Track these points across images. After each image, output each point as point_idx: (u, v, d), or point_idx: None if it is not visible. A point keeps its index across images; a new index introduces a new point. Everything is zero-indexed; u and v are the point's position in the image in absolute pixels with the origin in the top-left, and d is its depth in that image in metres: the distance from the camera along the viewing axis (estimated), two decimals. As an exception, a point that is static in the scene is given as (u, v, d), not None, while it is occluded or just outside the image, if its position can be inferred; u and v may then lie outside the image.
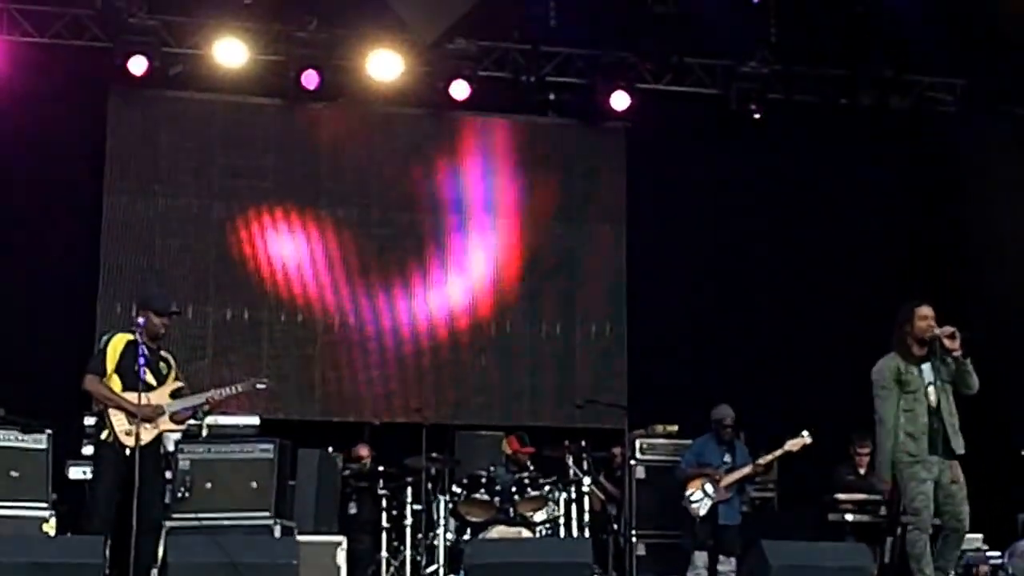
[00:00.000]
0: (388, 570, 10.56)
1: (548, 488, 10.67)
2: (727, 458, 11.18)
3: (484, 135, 13.72)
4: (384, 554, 10.61)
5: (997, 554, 8.20)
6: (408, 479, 10.86)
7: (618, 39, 13.21)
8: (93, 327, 12.04)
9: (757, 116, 13.39)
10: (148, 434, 8.64)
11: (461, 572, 8.81)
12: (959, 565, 8.57)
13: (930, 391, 8.67)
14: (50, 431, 9.38)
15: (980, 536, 10.29)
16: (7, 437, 9.27)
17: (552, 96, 13.58)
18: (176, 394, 8.85)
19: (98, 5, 12.42)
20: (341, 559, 9.15)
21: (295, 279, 13.11)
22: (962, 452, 8.65)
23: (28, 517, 9.15)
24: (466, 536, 10.27)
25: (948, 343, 8.61)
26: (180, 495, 9.06)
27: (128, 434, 8.52)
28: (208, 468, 9.19)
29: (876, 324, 9.43)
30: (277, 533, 9.03)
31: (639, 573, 10.80)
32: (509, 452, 11.34)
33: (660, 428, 11.72)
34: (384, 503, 10.77)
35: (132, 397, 8.57)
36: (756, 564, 8.49)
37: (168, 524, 8.86)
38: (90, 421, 9.53)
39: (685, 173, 13.62)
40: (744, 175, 13.71)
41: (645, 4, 12.74)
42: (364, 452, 11.73)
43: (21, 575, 7.47)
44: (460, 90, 13.00)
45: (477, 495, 10.51)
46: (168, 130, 13.09)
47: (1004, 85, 13.21)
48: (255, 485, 9.18)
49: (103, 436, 8.67)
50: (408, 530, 10.60)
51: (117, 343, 8.79)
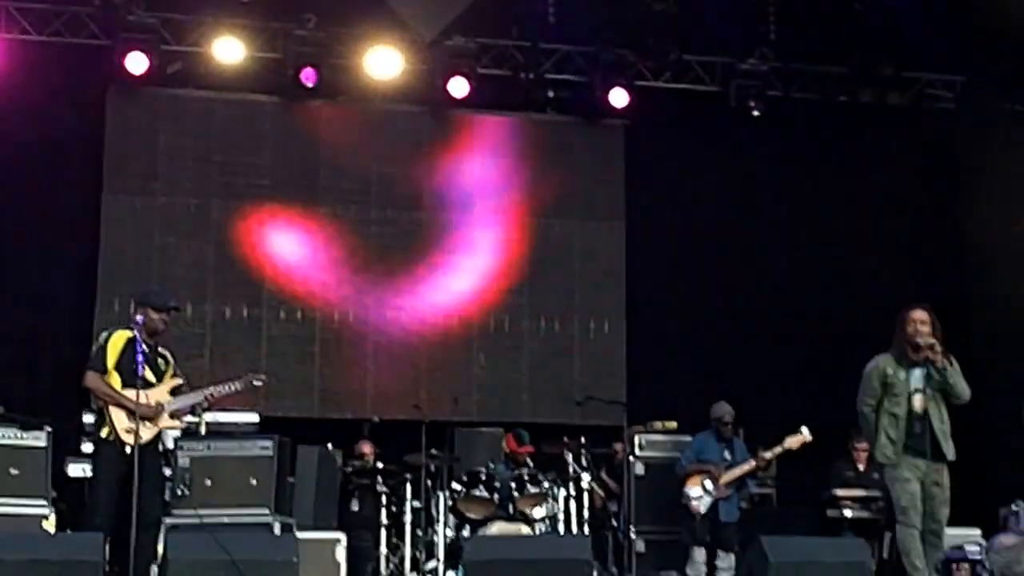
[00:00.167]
0: (388, 566, 10.56)
1: (547, 485, 10.67)
2: (726, 455, 11.17)
3: (483, 132, 13.71)
4: (384, 550, 10.61)
5: (976, 549, 8.21)
6: (408, 476, 10.88)
7: (617, 36, 13.21)
8: (92, 325, 12.02)
9: (756, 113, 13.39)
10: (148, 432, 8.63)
11: (460, 568, 8.81)
12: (939, 560, 8.59)
13: (916, 397, 8.66)
14: (49, 428, 9.37)
15: (978, 531, 10.27)
16: (6, 435, 9.26)
17: (551, 93, 13.60)
18: (175, 391, 8.85)
19: (97, 3, 12.45)
20: (341, 555, 9.14)
21: (294, 277, 13.12)
22: (952, 458, 8.65)
23: (28, 515, 9.14)
24: (465, 533, 10.26)
25: (929, 354, 8.61)
26: (180, 492, 9.03)
27: (128, 431, 8.51)
28: (208, 465, 9.15)
29: (875, 320, 9.44)
30: (276, 530, 9.00)
31: (638, 569, 10.78)
32: (508, 450, 11.35)
33: (659, 425, 11.69)
34: (384, 500, 10.78)
35: (132, 394, 8.54)
36: (756, 560, 8.49)
37: (168, 521, 8.83)
38: (89, 419, 9.54)
39: (684, 170, 13.62)
40: (743, 172, 13.70)
41: (644, 2, 12.74)
42: (367, 449, 11.73)
43: (21, 572, 7.46)
44: (459, 87, 13.00)
45: (476, 492, 10.49)
46: (167, 128, 13.10)
47: (1003, 82, 13.21)
48: (254, 482, 9.14)
49: (103, 433, 8.65)
50: (408, 527, 10.61)
51: (117, 340, 8.77)
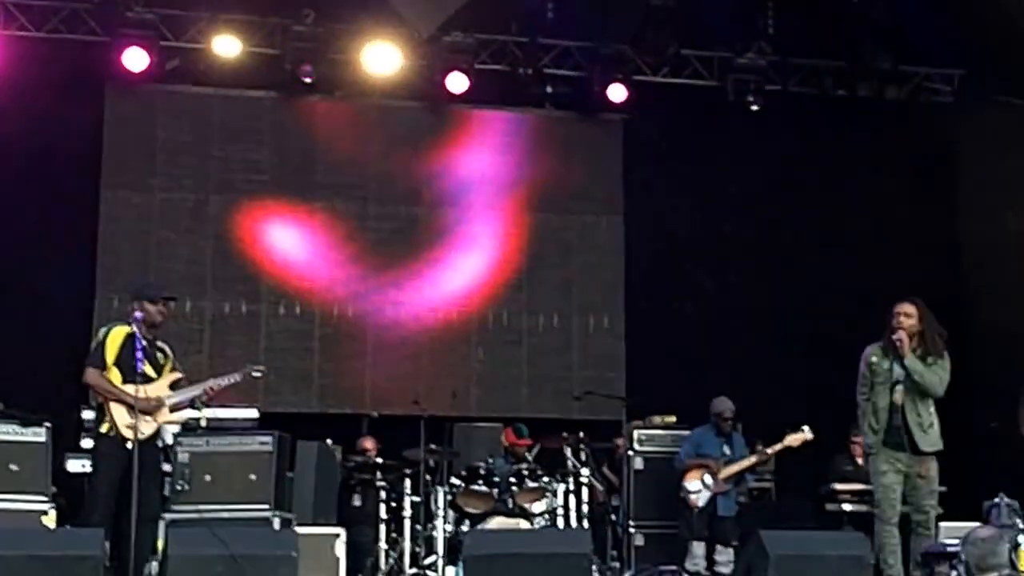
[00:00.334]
0: (387, 561, 10.57)
1: (546, 479, 10.67)
2: (725, 450, 11.18)
3: (481, 128, 13.72)
4: (383, 545, 10.62)
5: (955, 542, 8.24)
6: (407, 471, 10.88)
7: (615, 31, 13.20)
8: (91, 320, 12.04)
9: (754, 108, 13.38)
10: (148, 427, 8.63)
11: (460, 563, 8.80)
12: (919, 554, 8.64)
13: (897, 389, 8.75)
14: (49, 424, 9.34)
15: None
16: (6, 431, 9.23)
17: (549, 88, 13.58)
18: (174, 385, 8.85)
19: (95, -1, 12.43)
20: (340, 551, 9.14)
21: (293, 272, 13.14)
22: (929, 451, 8.71)
23: (27, 510, 9.11)
24: (465, 527, 10.26)
25: (897, 345, 8.71)
26: (179, 488, 9.05)
27: (129, 427, 8.50)
28: (207, 461, 9.17)
29: (872, 313, 9.44)
30: (276, 525, 9.02)
31: (637, 563, 10.79)
32: (507, 444, 11.35)
33: (658, 419, 11.71)
34: (383, 495, 10.78)
35: (132, 390, 8.56)
36: (755, 554, 8.48)
37: (167, 516, 8.86)
38: (88, 415, 9.54)
39: (682, 165, 13.63)
40: (741, 166, 13.71)
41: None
42: (369, 444, 11.74)
43: (21, 568, 7.43)
44: (457, 83, 13.00)
45: (475, 486, 10.48)
46: (165, 124, 13.11)
47: (1001, 75, 13.18)
48: (254, 477, 9.16)
49: (103, 429, 8.65)
50: (407, 521, 10.61)
51: (116, 336, 8.76)
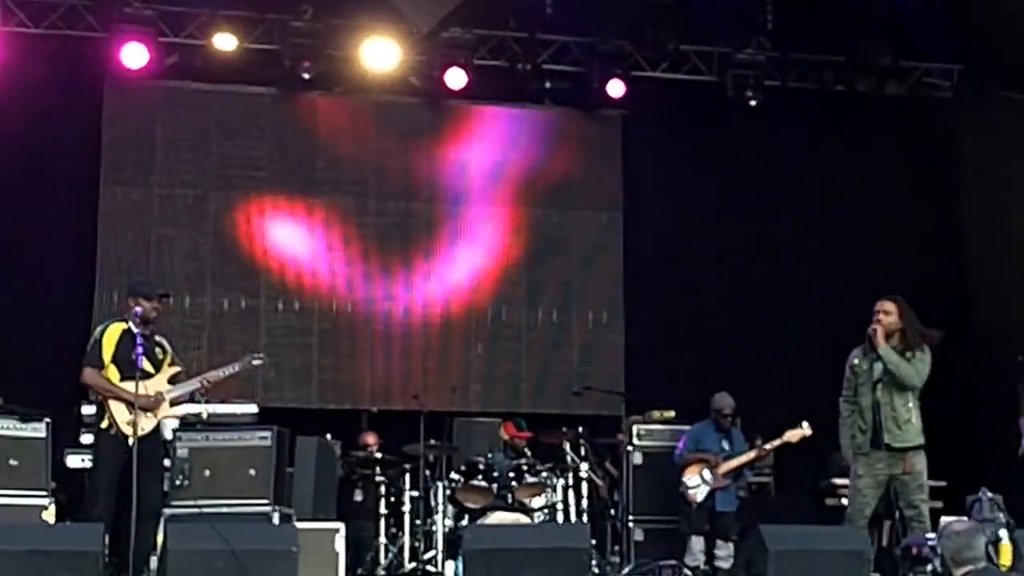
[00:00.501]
0: (387, 556, 10.58)
1: (546, 474, 10.68)
2: (724, 445, 11.17)
3: (480, 123, 13.71)
4: (383, 540, 10.62)
5: (934, 536, 8.27)
6: (406, 466, 10.89)
7: (614, 27, 13.20)
8: (90, 316, 12.04)
9: (754, 103, 13.36)
10: (149, 423, 8.65)
11: (459, 558, 8.81)
12: (900, 547, 8.67)
13: (878, 387, 8.79)
14: (48, 420, 9.36)
15: None
16: (6, 426, 9.25)
17: (548, 84, 13.57)
18: (173, 379, 8.86)
19: (93, -6, 12.43)
20: (339, 545, 9.12)
21: (292, 268, 13.13)
22: (901, 446, 8.74)
23: (27, 505, 9.13)
24: (464, 522, 10.27)
25: (872, 337, 8.78)
26: (179, 483, 9.05)
27: (129, 423, 8.52)
28: (206, 456, 9.16)
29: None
30: (276, 520, 9.02)
31: (637, 558, 10.79)
32: (506, 438, 11.36)
33: (657, 414, 11.69)
34: (383, 490, 10.79)
35: (130, 386, 8.56)
36: (755, 549, 8.50)
37: (167, 512, 8.85)
38: (88, 410, 9.53)
39: (682, 160, 13.61)
40: (741, 162, 13.70)
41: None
42: (371, 440, 11.75)
43: (20, 563, 7.45)
44: (456, 79, 12.98)
45: (475, 481, 10.50)
46: (164, 120, 13.10)
47: (1001, 70, 13.17)
48: (253, 472, 9.16)
49: (103, 426, 8.67)
50: (407, 516, 10.63)
51: (112, 333, 8.77)
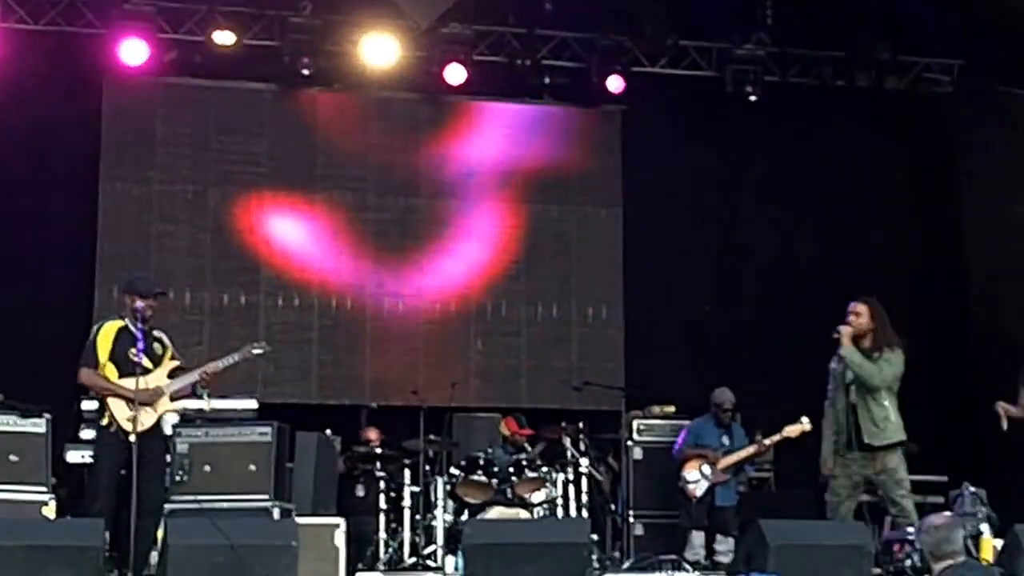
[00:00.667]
0: (387, 551, 10.59)
1: (545, 469, 10.68)
2: (724, 440, 11.19)
3: (479, 119, 13.71)
4: (383, 535, 10.63)
5: (913, 530, 8.30)
6: (406, 461, 10.90)
7: (614, 22, 13.19)
8: (91, 312, 12.03)
9: (753, 98, 13.36)
10: (149, 418, 8.64)
11: (459, 553, 8.82)
12: (880, 541, 8.70)
13: (851, 389, 8.88)
14: (49, 415, 9.34)
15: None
16: (6, 422, 9.22)
17: (548, 80, 13.55)
18: (173, 373, 8.85)
19: (92, -9, 12.43)
20: (340, 540, 9.12)
21: (291, 263, 13.14)
22: (880, 444, 8.79)
23: (27, 501, 9.10)
24: (464, 517, 10.28)
25: (836, 339, 8.90)
26: (179, 478, 9.05)
27: (129, 420, 8.51)
28: (206, 451, 9.16)
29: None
30: (276, 515, 9.01)
31: (637, 553, 10.80)
32: (507, 434, 11.37)
33: (657, 409, 11.72)
34: (383, 485, 10.80)
35: (128, 383, 8.56)
36: (755, 543, 8.48)
37: (167, 507, 8.85)
38: (89, 405, 9.52)
39: (681, 156, 13.59)
40: (740, 157, 13.70)
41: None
42: (373, 435, 11.76)
43: (21, 558, 7.45)
44: (455, 74, 12.99)
45: (475, 476, 10.50)
46: (163, 116, 13.10)
47: (1000, 65, 13.16)
48: (253, 468, 9.15)
49: (103, 423, 8.66)
50: (407, 511, 10.64)
51: (107, 332, 8.76)
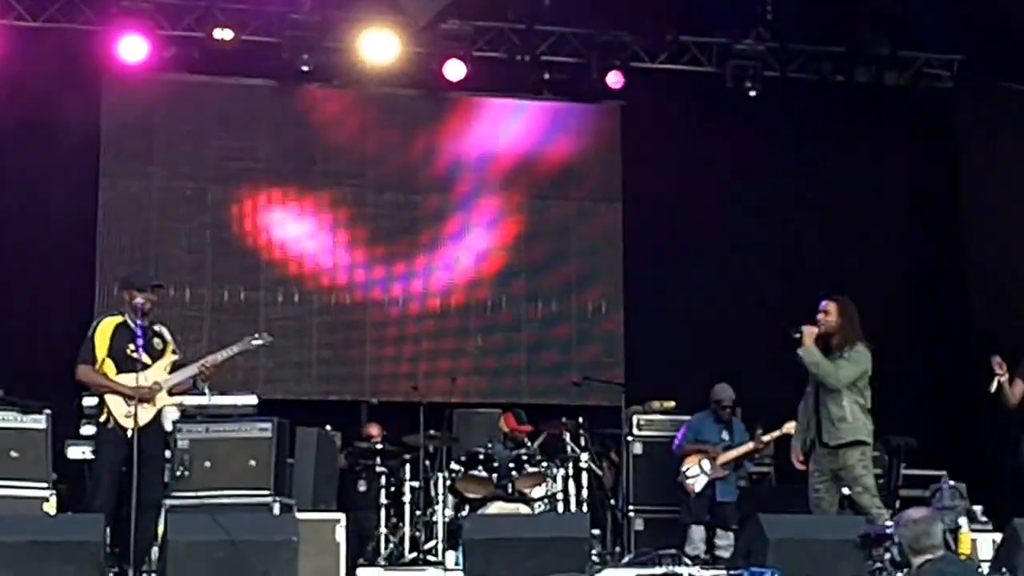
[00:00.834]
0: (387, 546, 10.60)
1: (545, 464, 10.69)
2: (724, 436, 11.20)
3: (479, 115, 13.71)
4: (383, 530, 10.65)
5: (891, 524, 8.33)
6: (406, 456, 10.91)
7: (613, 18, 13.19)
8: (91, 308, 12.02)
9: (753, 94, 13.35)
10: (148, 413, 8.64)
11: (460, 548, 8.84)
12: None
13: (821, 387, 9.01)
14: (49, 411, 9.35)
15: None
16: (6, 418, 9.23)
17: (547, 75, 13.52)
18: (172, 368, 8.85)
19: (92, -12, 12.42)
20: (340, 536, 9.14)
21: (291, 259, 13.15)
22: (835, 444, 8.92)
23: (28, 497, 9.12)
24: (464, 512, 10.29)
25: (797, 338, 9.03)
26: (179, 474, 9.06)
27: (128, 416, 8.52)
28: (207, 447, 9.17)
29: (871, 300, 9.46)
30: (276, 511, 9.03)
31: (637, 548, 10.81)
32: (506, 430, 11.38)
33: (657, 404, 11.74)
34: (383, 480, 10.81)
35: (126, 379, 8.57)
36: (754, 538, 8.50)
37: (167, 502, 8.86)
38: (90, 401, 9.52)
39: (681, 151, 13.58)
40: (740, 153, 13.68)
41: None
42: (374, 431, 11.78)
43: (22, 554, 7.48)
44: (455, 70, 12.98)
45: (475, 472, 10.51)
46: (163, 113, 13.10)
47: (1000, 60, 13.15)
48: (254, 463, 9.17)
49: (102, 420, 8.66)
50: (407, 507, 10.65)
51: (105, 328, 8.75)
